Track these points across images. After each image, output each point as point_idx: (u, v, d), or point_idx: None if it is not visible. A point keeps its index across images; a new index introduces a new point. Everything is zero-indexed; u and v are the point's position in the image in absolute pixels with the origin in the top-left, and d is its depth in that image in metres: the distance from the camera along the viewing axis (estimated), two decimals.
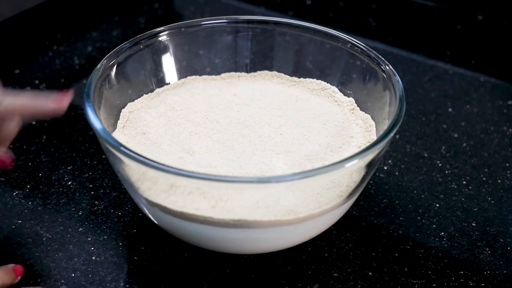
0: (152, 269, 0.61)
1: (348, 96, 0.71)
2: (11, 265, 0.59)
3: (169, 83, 0.73)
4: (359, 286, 0.60)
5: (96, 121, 0.59)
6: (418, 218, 0.67)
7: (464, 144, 0.77)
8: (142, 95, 0.71)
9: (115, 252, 0.63)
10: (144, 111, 0.69)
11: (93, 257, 0.62)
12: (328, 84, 0.73)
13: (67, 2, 0.97)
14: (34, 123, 0.78)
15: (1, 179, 0.70)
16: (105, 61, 0.67)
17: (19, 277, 0.59)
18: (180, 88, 0.73)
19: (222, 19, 0.75)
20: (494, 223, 0.67)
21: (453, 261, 0.63)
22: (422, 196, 0.69)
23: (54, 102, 0.57)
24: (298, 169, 0.62)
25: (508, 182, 0.71)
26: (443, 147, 0.76)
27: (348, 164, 0.56)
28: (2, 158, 0.59)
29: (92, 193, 0.69)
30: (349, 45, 0.71)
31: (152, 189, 0.58)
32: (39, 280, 0.60)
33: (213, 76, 0.75)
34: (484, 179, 0.72)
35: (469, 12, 0.97)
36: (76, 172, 0.71)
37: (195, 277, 0.61)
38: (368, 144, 0.64)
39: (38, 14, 0.93)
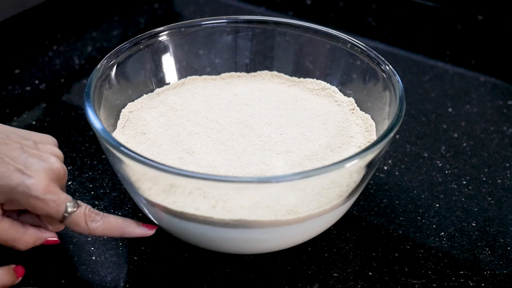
0: (152, 269, 0.61)
1: (348, 96, 0.71)
2: (12, 266, 0.59)
3: (169, 83, 0.73)
4: (359, 286, 0.60)
5: (96, 121, 0.59)
6: (418, 218, 0.67)
7: (464, 144, 0.77)
8: (142, 95, 0.71)
9: (115, 252, 0.63)
10: (144, 111, 0.69)
11: (93, 257, 0.62)
12: (328, 84, 0.73)
13: (67, 2, 0.97)
14: (34, 123, 0.78)
15: None
16: (105, 61, 0.67)
17: (20, 278, 0.59)
18: (180, 88, 0.73)
19: (222, 19, 0.75)
20: (494, 223, 0.67)
21: (453, 261, 0.63)
22: (422, 196, 0.69)
23: (143, 229, 0.60)
24: (298, 169, 0.62)
25: (508, 182, 0.71)
26: (443, 147, 0.76)
27: (348, 164, 0.56)
28: (52, 240, 0.61)
29: (92, 193, 0.69)
30: (349, 45, 0.71)
31: (152, 189, 0.58)
32: (39, 280, 0.60)
33: (213, 76, 0.75)
34: (484, 179, 0.72)
35: (469, 12, 0.97)
36: (76, 172, 0.71)
37: (195, 277, 0.61)
38: (368, 144, 0.64)
39: (38, 14, 0.93)
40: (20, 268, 0.59)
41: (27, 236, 0.58)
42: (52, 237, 0.60)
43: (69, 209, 0.56)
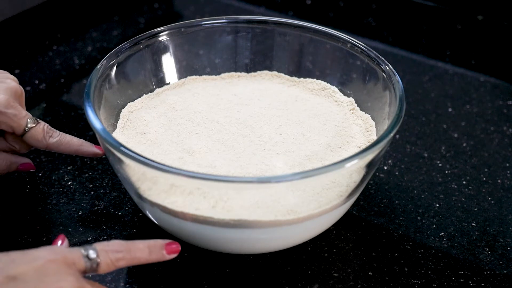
0: (152, 269, 0.61)
1: (348, 96, 0.71)
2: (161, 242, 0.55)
3: (169, 83, 0.73)
4: (359, 286, 0.60)
5: (96, 121, 0.59)
6: (418, 218, 0.67)
7: (464, 144, 0.77)
8: (142, 95, 0.71)
9: None
10: (144, 111, 0.69)
11: None
12: (328, 84, 0.73)
13: (67, 2, 0.97)
14: None
15: (1, 179, 0.70)
16: (105, 61, 0.67)
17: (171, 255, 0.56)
18: (180, 88, 0.73)
19: (222, 19, 0.75)
20: (494, 223, 0.67)
21: (453, 261, 0.63)
22: (422, 196, 0.69)
23: (95, 150, 0.66)
24: (298, 169, 0.62)
25: (508, 182, 0.71)
26: (443, 147, 0.76)
27: (348, 164, 0.56)
28: (26, 164, 0.68)
29: (92, 193, 0.69)
30: (349, 45, 0.71)
31: (152, 189, 0.58)
32: None
33: (213, 76, 0.75)
34: (484, 179, 0.72)
35: (469, 12, 0.97)
36: (76, 172, 0.71)
37: (195, 277, 0.61)
38: (368, 144, 0.64)
39: (38, 14, 0.93)
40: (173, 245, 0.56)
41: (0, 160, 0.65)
42: (26, 162, 0.67)
43: (30, 124, 0.64)
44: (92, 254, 0.52)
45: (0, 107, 0.62)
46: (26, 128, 0.64)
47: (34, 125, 0.64)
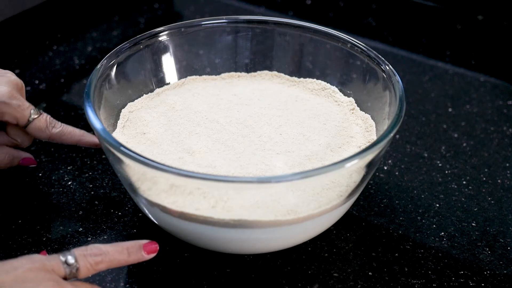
0: (152, 269, 0.61)
1: (348, 96, 0.71)
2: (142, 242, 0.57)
3: (169, 83, 0.73)
4: (359, 286, 0.60)
5: (96, 121, 0.59)
6: (418, 218, 0.67)
7: (464, 144, 0.77)
8: (142, 95, 0.71)
9: None
10: (144, 111, 0.69)
11: None
12: (328, 84, 0.73)
13: (67, 2, 0.97)
14: None
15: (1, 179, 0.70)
16: (105, 61, 0.67)
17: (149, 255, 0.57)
18: (180, 88, 0.73)
19: (222, 19, 0.75)
20: (494, 223, 0.67)
21: (453, 261, 0.63)
22: (422, 196, 0.69)
23: (96, 140, 0.67)
24: (298, 169, 0.62)
25: (508, 182, 0.71)
26: (443, 147, 0.76)
27: (348, 164, 0.56)
28: (28, 158, 0.69)
29: (92, 193, 0.69)
30: (349, 45, 0.71)
31: (152, 189, 0.58)
32: None
33: (213, 76, 0.75)
34: (484, 179, 0.72)
35: (469, 12, 0.97)
36: (76, 172, 0.71)
37: (195, 277, 0.61)
38: (368, 144, 0.64)
39: (38, 14, 0.93)
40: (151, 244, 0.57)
41: (2, 154, 0.67)
42: (27, 156, 0.68)
43: (33, 115, 0.65)
44: (70, 259, 0.53)
45: (4, 98, 0.64)
46: (30, 119, 0.65)
47: (37, 116, 0.66)
